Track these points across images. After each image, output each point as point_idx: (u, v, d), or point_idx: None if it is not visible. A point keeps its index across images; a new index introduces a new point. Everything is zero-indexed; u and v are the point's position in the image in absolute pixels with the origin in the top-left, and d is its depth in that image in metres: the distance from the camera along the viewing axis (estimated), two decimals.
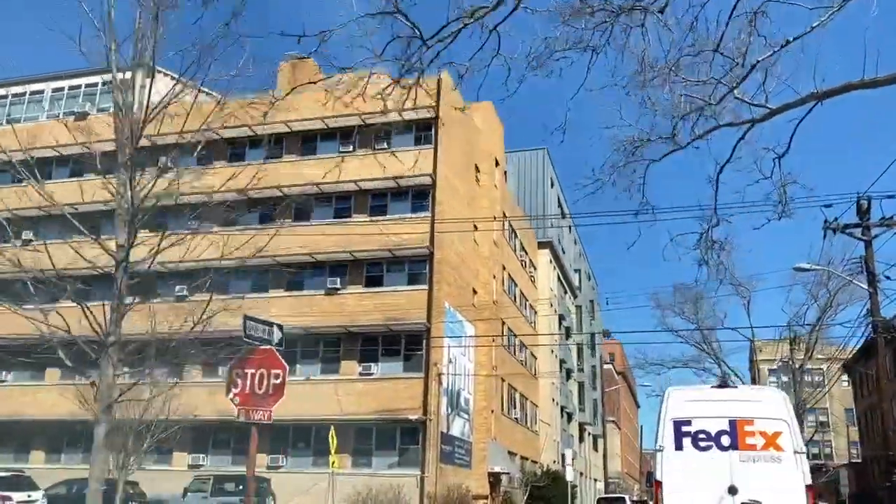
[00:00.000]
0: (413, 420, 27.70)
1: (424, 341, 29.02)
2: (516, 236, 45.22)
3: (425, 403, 28.11)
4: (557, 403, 53.47)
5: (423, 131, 31.88)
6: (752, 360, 71.67)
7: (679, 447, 10.51)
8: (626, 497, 37.44)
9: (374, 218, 31.10)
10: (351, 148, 32.28)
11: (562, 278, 58.43)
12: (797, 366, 40.23)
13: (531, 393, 46.58)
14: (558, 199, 59.45)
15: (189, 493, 22.48)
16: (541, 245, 52.26)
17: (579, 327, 65.07)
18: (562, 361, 55.73)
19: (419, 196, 31.10)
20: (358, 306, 29.99)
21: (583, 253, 70.68)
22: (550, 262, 53.28)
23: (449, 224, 30.86)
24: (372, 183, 31.24)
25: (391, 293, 29.98)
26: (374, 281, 30.51)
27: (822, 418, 73.62)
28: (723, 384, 11.48)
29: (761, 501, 9.92)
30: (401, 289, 30.03)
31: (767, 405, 10.58)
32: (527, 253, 47.99)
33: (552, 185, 56.67)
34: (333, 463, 24.39)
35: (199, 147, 16.40)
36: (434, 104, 31.36)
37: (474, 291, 34.61)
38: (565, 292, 61.09)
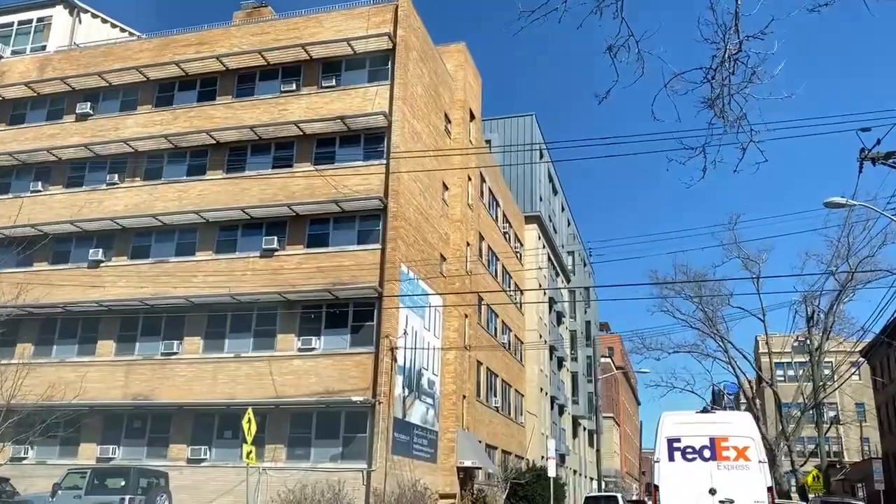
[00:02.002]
0: (358, 403, 22.92)
1: (376, 309, 24.25)
2: (499, 205, 40.44)
3: (375, 383, 23.35)
4: (547, 394, 48.63)
5: (379, 66, 27.12)
6: (758, 353, 66.97)
7: (671, 459, 13.55)
8: (619, 496, 32.63)
9: (319, 167, 26.31)
10: (294, 87, 27.50)
11: (552, 258, 53.60)
12: (815, 346, 35.46)
13: (516, 380, 41.80)
14: (548, 171, 54.65)
15: (60, 491, 17.80)
16: (528, 220, 47.44)
17: (572, 314, 60.23)
18: (552, 348, 50.90)
19: (373, 141, 26.32)
20: (298, 270, 25.22)
21: (577, 235, 65.80)
22: (539, 238, 48.44)
23: (409, 174, 26.10)
24: (317, 125, 26.48)
25: (337, 254, 25.21)
26: (317, 240, 25.73)
27: (830, 413, 68.98)
28: (705, 410, 15.03)
29: (734, 500, 12.89)
30: (349, 249, 25.25)
31: (738, 426, 13.68)
32: (511, 225, 43.20)
33: (541, 156, 51.85)
34: (249, 454, 19.62)
35: None
36: (390, 31, 26.68)
37: (443, 258, 29.84)
38: (557, 275, 56.26)
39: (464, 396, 30.29)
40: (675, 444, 13.76)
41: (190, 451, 24.42)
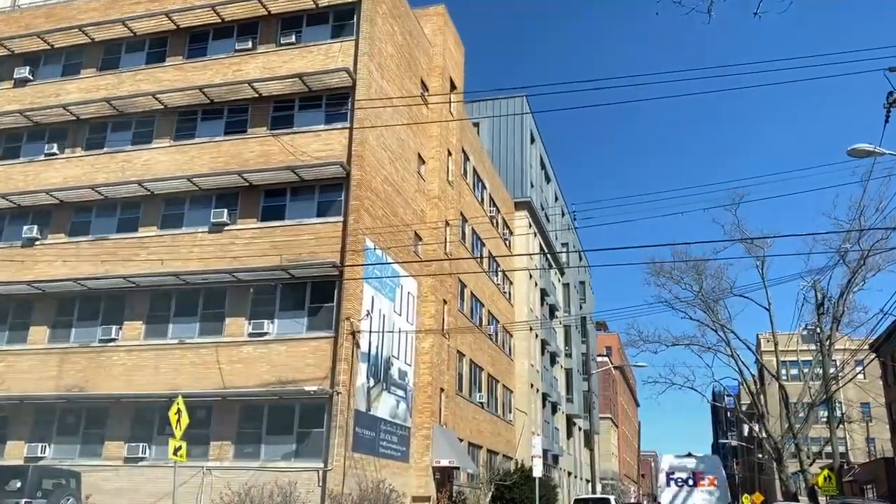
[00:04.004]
0: (312, 393, 20.16)
1: (336, 289, 21.51)
2: (485, 187, 37.74)
3: (334, 371, 20.62)
4: (539, 390, 45.85)
5: (344, 21, 24.44)
6: (760, 352, 64.11)
7: (668, 485, 23.72)
8: (612, 499, 29.95)
9: (276, 131, 23.60)
10: (250, 45, 24.82)
11: (545, 248, 50.86)
12: (825, 336, 32.72)
13: (504, 375, 39.08)
14: (541, 158, 51.93)
15: None
16: (518, 206, 44.70)
17: (566, 308, 57.48)
18: (544, 343, 48.13)
19: (335, 103, 23.60)
20: (251, 246, 22.49)
21: (572, 226, 62.92)
22: (530, 225, 45.70)
23: (377, 140, 23.39)
24: (274, 86, 23.78)
25: (294, 227, 22.48)
26: (272, 213, 23.00)
27: (836, 412, 66.13)
28: (689, 454, 24.52)
29: None
30: (307, 222, 22.51)
31: (709, 465, 24.29)
32: (499, 211, 40.49)
33: (533, 140, 49.14)
34: (178, 450, 16.90)
35: None
36: None
37: (418, 237, 27.11)
38: (550, 266, 53.54)
39: (441, 389, 27.55)
40: (671, 476, 23.63)
41: (127, 449, 21.67)
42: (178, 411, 17.05)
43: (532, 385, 43.87)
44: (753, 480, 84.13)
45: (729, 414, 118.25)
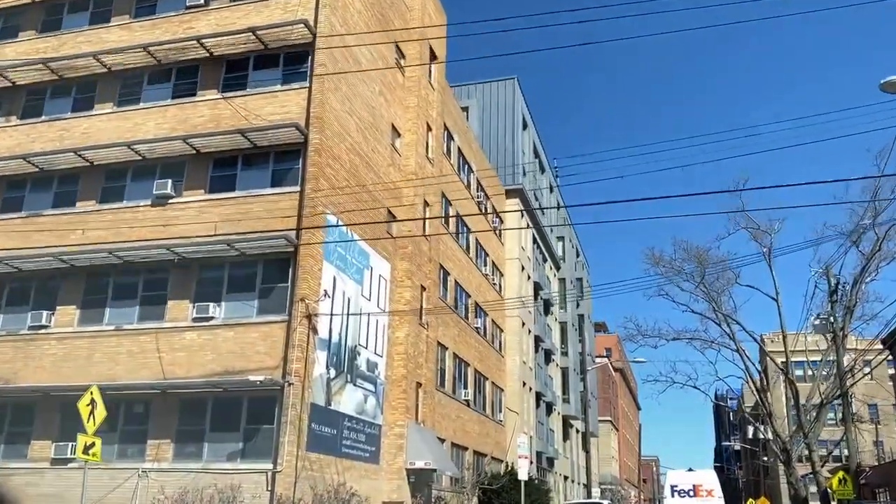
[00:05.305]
0: (259, 384, 17.62)
1: (291, 267, 19.01)
2: (472, 171, 35.22)
3: (286, 359, 18.10)
4: (532, 389, 43.24)
5: None
6: (764, 352, 61.54)
7: (672, 496, 27.04)
8: (607, 503, 27.51)
9: (227, 94, 21.12)
10: (202, 0, 22.37)
11: (539, 240, 48.31)
12: (840, 326, 30.18)
13: (494, 372, 36.51)
14: (534, 144, 49.41)
15: None
16: (509, 193, 42.16)
17: (562, 304, 54.89)
18: (538, 339, 45.51)
19: (294, 61, 21.12)
20: (198, 220, 19.93)
21: (569, 220, 60.34)
22: (522, 216, 43.18)
23: (341, 103, 20.92)
24: (226, 44, 21.30)
25: (245, 199, 19.96)
26: (222, 184, 20.49)
27: (840, 415, 63.46)
28: (690, 470, 28.14)
29: None
30: (260, 192, 20.01)
31: (707, 478, 27.63)
32: (488, 196, 37.96)
33: (525, 126, 46.64)
34: (90, 449, 14.37)
35: None
36: None
37: (392, 216, 24.58)
38: (544, 260, 50.99)
39: (419, 384, 24.99)
40: (675, 488, 27.00)
41: (55, 449, 19.15)
42: (92, 402, 14.55)
43: (524, 383, 41.28)
44: (758, 485, 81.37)
45: (732, 417, 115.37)
